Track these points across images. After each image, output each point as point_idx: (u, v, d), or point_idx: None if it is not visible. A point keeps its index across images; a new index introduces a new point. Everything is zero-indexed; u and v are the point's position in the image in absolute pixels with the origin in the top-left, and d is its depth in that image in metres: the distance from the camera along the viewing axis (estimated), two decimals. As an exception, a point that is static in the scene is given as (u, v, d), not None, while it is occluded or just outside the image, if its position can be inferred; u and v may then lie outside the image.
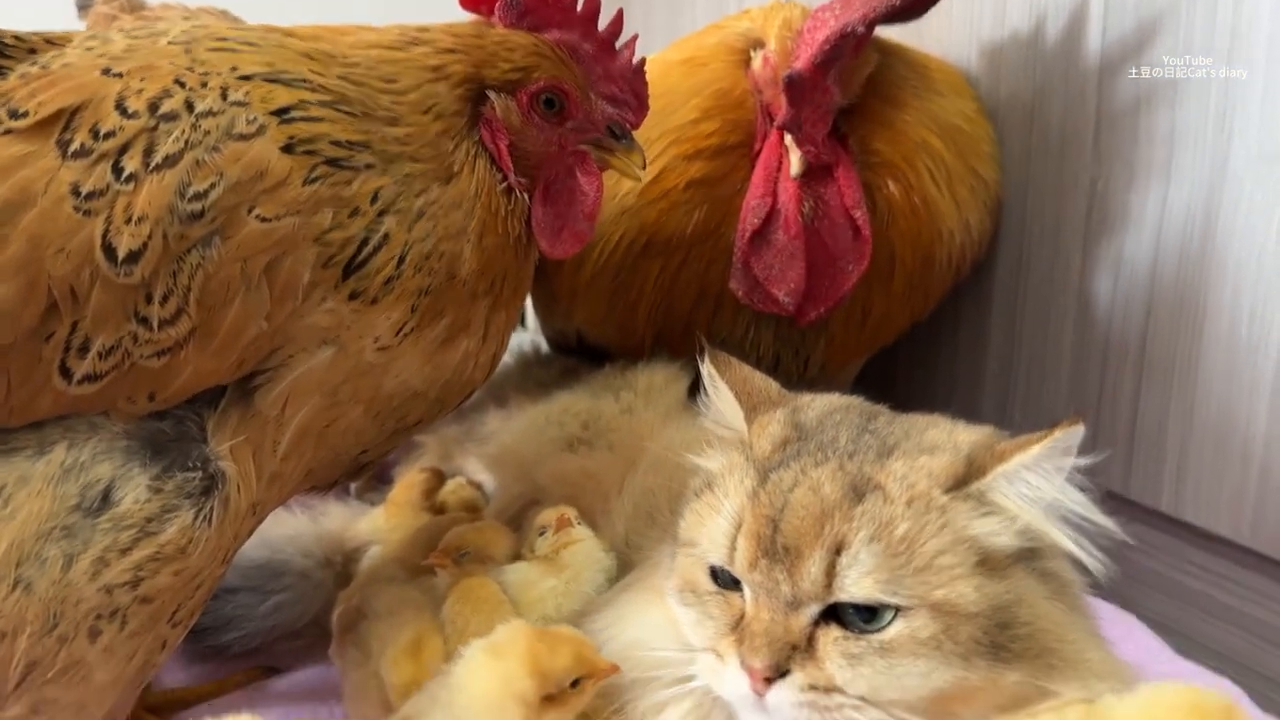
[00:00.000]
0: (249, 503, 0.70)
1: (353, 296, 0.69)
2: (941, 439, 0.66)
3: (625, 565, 0.85)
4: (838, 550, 0.59)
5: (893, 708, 0.59)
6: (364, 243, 0.68)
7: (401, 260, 0.70)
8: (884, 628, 0.59)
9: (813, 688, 0.59)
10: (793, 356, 1.04)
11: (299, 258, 0.66)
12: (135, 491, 0.64)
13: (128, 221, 0.61)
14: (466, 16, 0.80)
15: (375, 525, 1.07)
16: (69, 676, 0.64)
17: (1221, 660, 0.94)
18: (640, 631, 0.71)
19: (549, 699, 0.65)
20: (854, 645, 0.59)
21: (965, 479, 0.62)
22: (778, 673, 0.59)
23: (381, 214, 0.69)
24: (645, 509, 0.88)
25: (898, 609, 0.59)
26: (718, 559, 0.64)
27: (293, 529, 1.06)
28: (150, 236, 0.61)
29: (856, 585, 0.59)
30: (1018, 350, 1.16)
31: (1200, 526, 1.00)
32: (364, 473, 0.85)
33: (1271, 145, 0.90)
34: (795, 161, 0.95)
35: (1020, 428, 0.98)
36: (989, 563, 0.60)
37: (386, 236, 0.69)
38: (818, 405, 0.72)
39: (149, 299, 0.62)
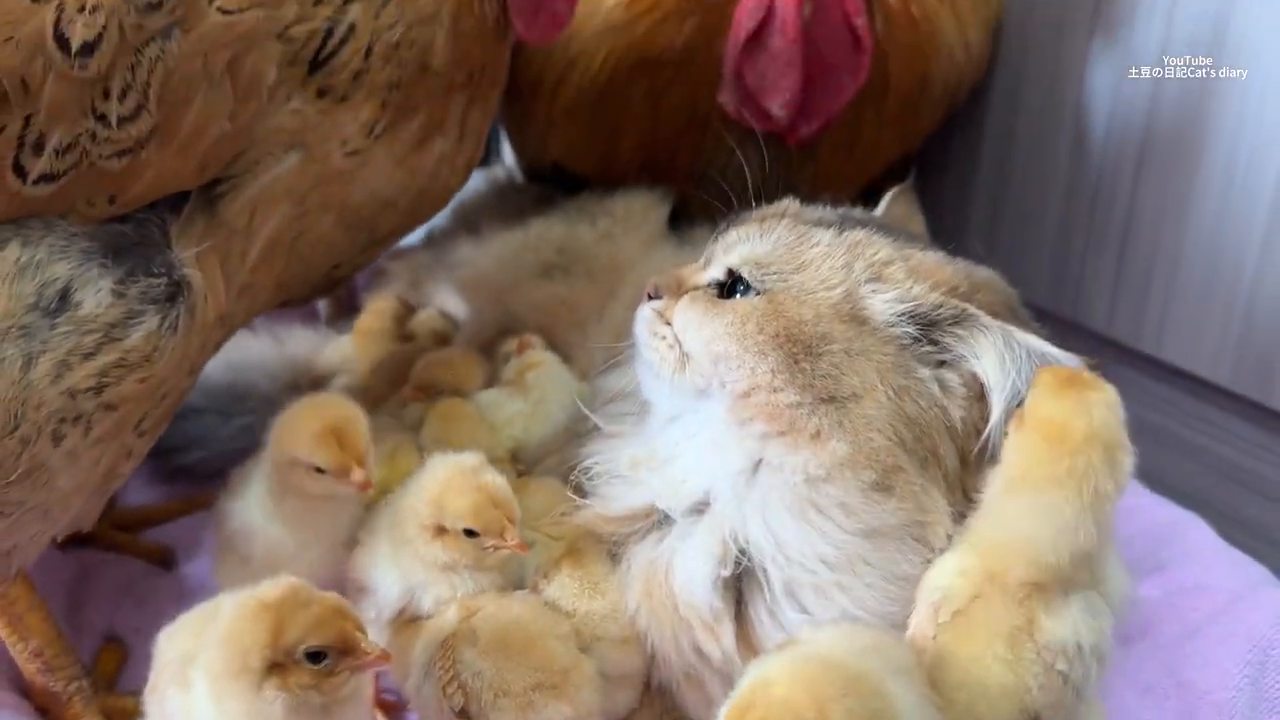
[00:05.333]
0: (217, 313, 0.68)
1: (320, 94, 0.66)
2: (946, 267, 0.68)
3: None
4: (761, 235, 0.67)
5: (689, 358, 0.65)
6: (329, 34, 0.65)
7: (369, 51, 0.67)
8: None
9: (657, 312, 0.68)
10: (777, 186, 1.01)
11: (263, 54, 0.63)
12: (97, 295, 0.62)
13: (80, 10, 0.57)
14: None
15: (343, 353, 1.06)
16: (33, 479, 0.63)
17: (1192, 500, 0.96)
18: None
19: (441, 529, 0.67)
20: (703, 296, 0.67)
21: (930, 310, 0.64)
22: (655, 295, 0.69)
23: (347, 1, 0.65)
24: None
25: (756, 293, 0.65)
26: None
27: (258, 352, 1.05)
28: (105, 26, 0.58)
29: (735, 256, 0.67)
30: (1008, 187, 1.14)
31: (1181, 367, 1.00)
32: (337, 286, 0.83)
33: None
34: None
35: (1006, 269, 0.96)
36: (855, 315, 0.63)
37: (352, 27, 0.66)
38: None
39: (106, 94, 0.59)
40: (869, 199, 1.05)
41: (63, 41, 0.57)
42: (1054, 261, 1.09)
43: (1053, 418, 0.57)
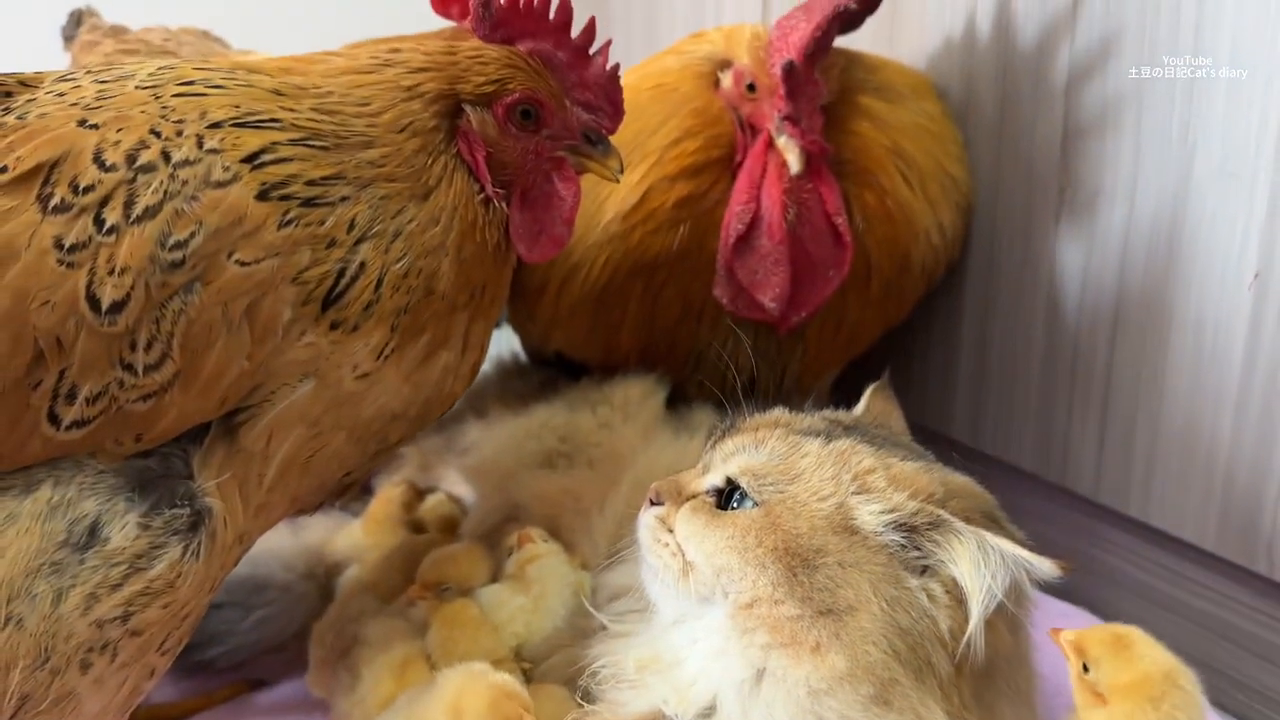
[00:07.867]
0: (235, 534, 0.71)
1: (333, 327, 0.70)
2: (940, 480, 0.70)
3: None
4: (756, 446, 0.70)
5: (693, 567, 0.67)
6: (341, 274, 0.69)
7: (379, 284, 0.71)
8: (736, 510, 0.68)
9: (660, 519, 0.71)
10: (769, 369, 1.06)
11: (278, 297, 0.67)
12: (124, 529, 0.65)
13: (110, 273, 0.62)
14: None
15: (354, 541, 1.09)
16: (61, 707, 0.65)
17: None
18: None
19: None
20: (703, 506, 0.69)
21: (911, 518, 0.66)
22: (657, 501, 0.72)
23: (358, 242, 0.70)
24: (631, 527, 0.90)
25: (754, 503, 0.68)
26: None
27: (274, 543, 1.08)
28: (133, 286, 0.63)
29: (734, 466, 0.70)
30: (989, 357, 1.18)
31: (1167, 531, 1.03)
32: (349, 492, 0.86)
33: (1233, 160, 0.92)
34: (794, 160, 0.96)
35: (993, 436, 0.99)
36: (847, 526, 0.66)
37: (363, 265, 0.70)
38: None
39: (133, 346, 0.63)
40: (854, 371, 1.10)
41: (94, 302, 0.62)
42: (1039, 428, 1.13)
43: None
